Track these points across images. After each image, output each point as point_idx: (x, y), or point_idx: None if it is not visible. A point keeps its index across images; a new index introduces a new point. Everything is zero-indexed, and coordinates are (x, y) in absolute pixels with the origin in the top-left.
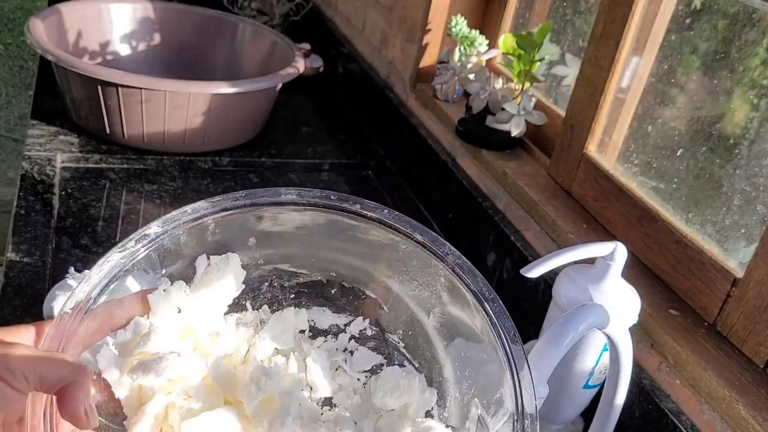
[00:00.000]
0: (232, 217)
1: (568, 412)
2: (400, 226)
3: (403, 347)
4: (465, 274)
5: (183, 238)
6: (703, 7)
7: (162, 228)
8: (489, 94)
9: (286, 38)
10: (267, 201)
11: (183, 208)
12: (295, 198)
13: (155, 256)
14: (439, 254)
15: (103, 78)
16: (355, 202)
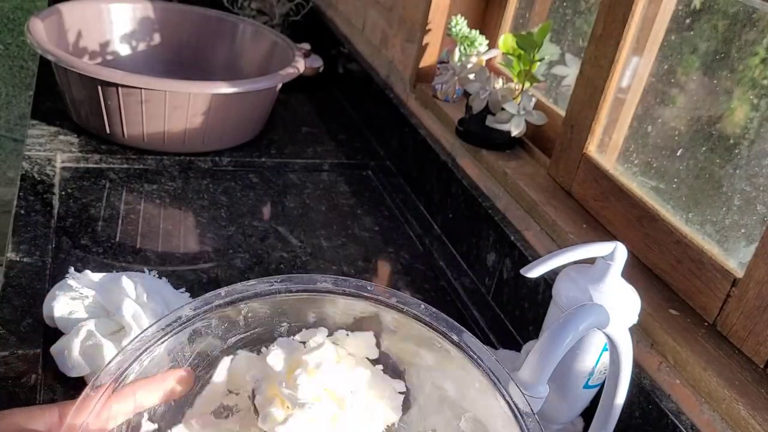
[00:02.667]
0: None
1: (568, 412)
2: (437, 324)
3: None
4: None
5: (214, 322)
6: (703, 7)
7: (194, 312)
8: (489, 94)
9: (286, 38)
10: (302, 288)
11: (217, 290)
12: (330, 287)
13: (185, 339)
14: (475, 357)
15: (103, 78)
16: (391, 296)
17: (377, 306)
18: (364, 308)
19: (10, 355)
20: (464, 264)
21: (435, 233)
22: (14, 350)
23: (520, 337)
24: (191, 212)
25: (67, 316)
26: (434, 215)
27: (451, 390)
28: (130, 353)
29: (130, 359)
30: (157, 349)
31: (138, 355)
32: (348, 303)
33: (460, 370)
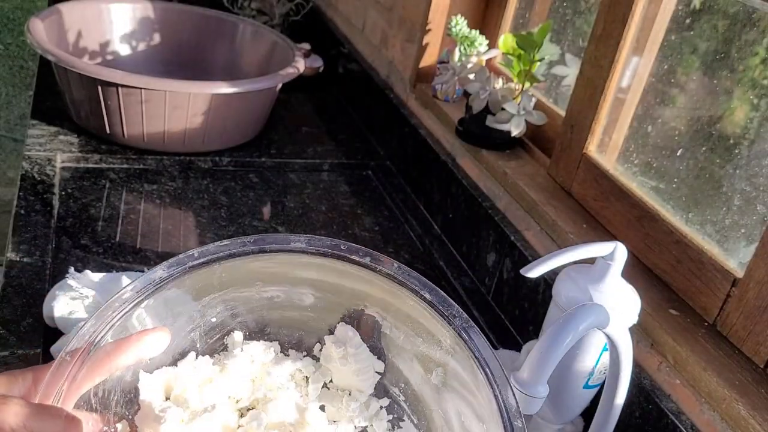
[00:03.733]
0: (238, 261)
1: (568, 412)
2: (409, 282)
3: (404, 401)
4: (470, 340)
5: (188, 281)
6: (703, 7)
7: (167, 272)
8: (489, 94)
9: (286, 38)
10: (276, 248)
11: (190, 251)
12: (303, 246)
13: (159, 298)
14: (446, 315)
15: (103, 78)
16: (365, 254)
17: (351, 266)
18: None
19: (10, 355)
20: (464, 264)
21: (435, 233)
22: (14, 350)
23: (520, 337)
24: (191, 212)
25: (67, 316)
26: (434, 215)
27: (422, 346)
28: (105, 317)
29: (105, 323)
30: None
31: (113, 319)
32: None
33: (431, 327)
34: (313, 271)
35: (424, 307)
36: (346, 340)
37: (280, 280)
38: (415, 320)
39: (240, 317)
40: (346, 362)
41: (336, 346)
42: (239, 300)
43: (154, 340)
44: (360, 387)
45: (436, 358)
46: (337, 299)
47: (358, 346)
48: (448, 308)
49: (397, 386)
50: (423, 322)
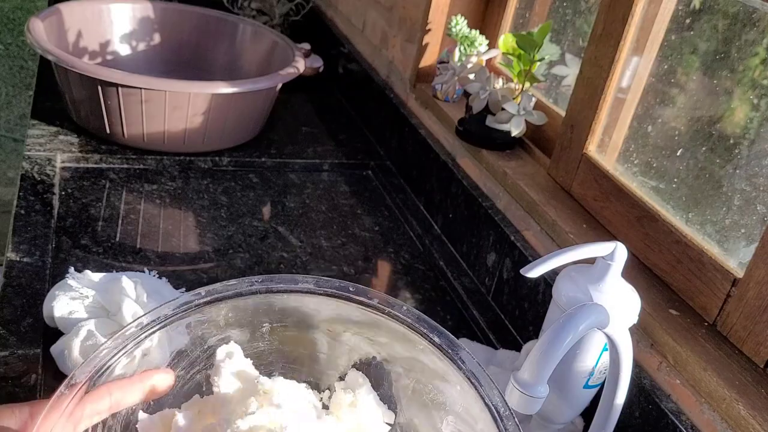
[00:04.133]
0: (246, 301)
1: (568, 412)
2: (418, 325)
3: None
4: (479, 385)
5: (194, 322)
6: (703, 7)
7: (173, 311)
8: (489, 94)
9: (286, 38)
10: (283, 288)
11: (198, 290)
12: (311, 287)
13: (164, 336)
14: (456, 360)
15: (103, 78)
16: (373, 296)
17: (359, 308)
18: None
19: (10, 355)
20: (464, 264)
21: (435, 233)
22: (14, 350)
23: (520, 337)
24: (191, 212)
25: (67, 316)
26: (434, 215)
27: (433, 391)
28: (107, 352)
29: (107, 358)
30: (136, 351)
31: (115, 354)
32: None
33: (442, 372)
34: (321, 314)
35: (433, 350)
36: (356, 387)
37: (291, 323)
38: (424, 366)
39: (248, 359)
40: (355, 410)
41: (345, 392)
42: (246, 341)
43: (158, 381)
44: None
45: (447, 406)
46: (347, 344)
47: (367, 393)
48: (457, 352)
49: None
50: (432, 367)
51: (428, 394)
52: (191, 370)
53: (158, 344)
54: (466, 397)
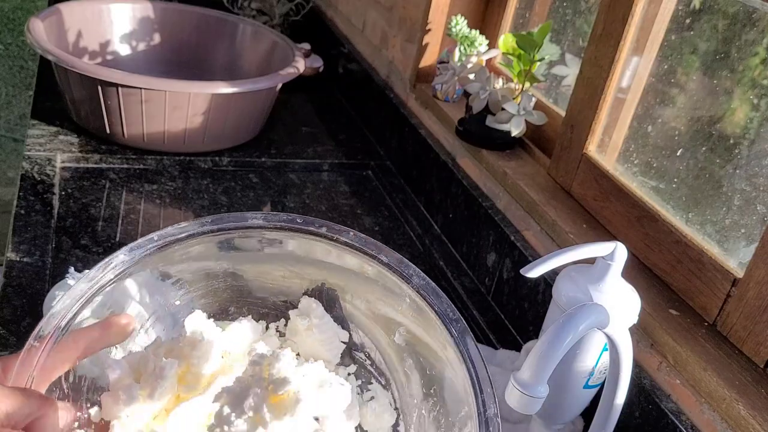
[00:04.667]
0: (199, 242)
1: (568, 412)
2: (366, 248)
3: (370, 365)
4: (429, 295)
5: (150, 264)
6: (703, 7)
7: (129, 256)
8: (489, 94)
9: (286, 38)
10: (234, 226)
11: (150, 235)
12: (261, 222)
13: (121, 284)
14: (405, 275)
15: (103, 78)
16: (321, 225)
17: (309, 238)
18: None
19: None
20: (464, 264)
21: (435, 233)
22: (14, 350)
23: (520, 337)
24: (191, 212)
25: None
26: (434, 215)
27: (383, 309)
28: (69, 304)
29: (70, 309)
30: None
31: (77, 304)
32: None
33: (392, 288)
34: (275, 248)
35: (382, 270)
36: (310, 312)
37: (242, 259)
38: (375, 285)
39: (204, 299)
40: (312, 333)
41: (301, 318)
42: (201, 281)
43: (120, 327)
44: (326, 357)
45: (398, 319)
46: (299, 274)
47: (321, 316)
48: (406, 268)
49: (362, 351)
50: (383, 286)
51: (379, 310)
52: (151, 313)
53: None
54: (416, 309)
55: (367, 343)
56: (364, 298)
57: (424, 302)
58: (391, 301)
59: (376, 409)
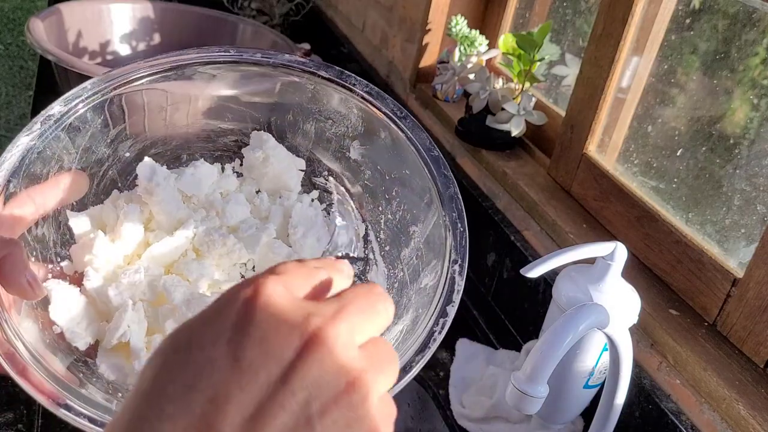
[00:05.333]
0: (137, 87)
1: (568, 412)
2: (305, 67)
3: (332, 186)
4: (375, 99)
5: (89, 115)
6: (703, 7)
7: (65, 107)
8: (489, 94)
9: (286, 38)
10: (169, 66)
11: (83, 84)
12: (195, 58)
13: (65, 136)
14: (347, 85)
15: None
16: (255, 52)
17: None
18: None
19: None
20: None
21: None
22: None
23: (520, 337)
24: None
25: None
26: None
27: (333, 127)
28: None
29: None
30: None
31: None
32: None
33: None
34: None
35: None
36: (262, 144)
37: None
38: (320, 104)
39: (153, 148)
40: (268, 165)
41: (254, 152)
42: (147, 129)
43: (73, 182)
44: (287, 186)
45: (350, 134)
46: (243, 110)
47: (274, 147)
48: (348, 78)
49: (321, 176)
50: (328, 104)
51: (330, 129)
52: (102, 167)
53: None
54: (365, 116)
55: (324, 165)
56: (312, 121)
57: (372, 107)
58: (339, 117)
59: (345, 226)
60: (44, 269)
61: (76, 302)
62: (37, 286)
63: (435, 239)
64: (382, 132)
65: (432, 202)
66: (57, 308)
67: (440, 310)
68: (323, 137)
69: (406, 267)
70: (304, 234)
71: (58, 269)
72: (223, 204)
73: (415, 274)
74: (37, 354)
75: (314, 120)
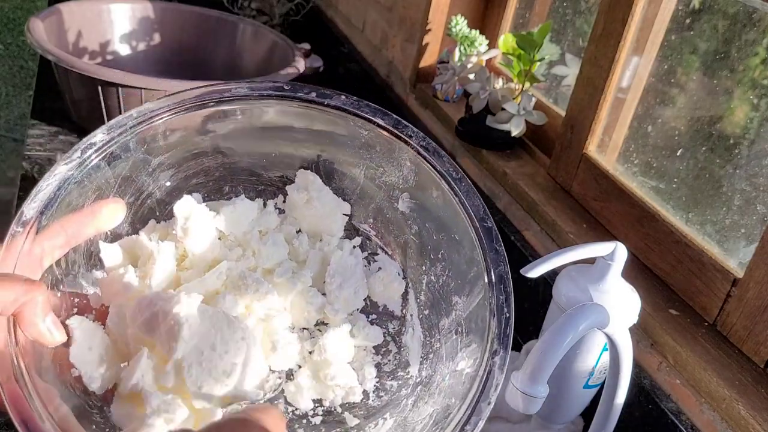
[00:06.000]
0: (183, 117)
1: (568, 412)
2: (360, 111)
3: (375, 235)
4: (431, 155)
5: (132, 144)
6: (703, 7)
7: (108, 135)
8: (489, 94)
9: (286, 38)
10: (217, 98)
11: (128, 112)
12: (246, 92)
13: (105, 165)
14: (403, 137)
15: (103, 78)
16: (310, 91)
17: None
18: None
19: None
20: None
21: None
22: None
23: (520, 337)
24: None
25: None
26: None
27: (384, 176)
28: (52, 187)
29: (53, 192)
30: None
31: (60, 188)
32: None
33: (391, 151)
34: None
35: (378, 133)
36: (308, 185)
37: (230, 133)
38: (373, 151)
39: (196, 178)
40: (311, 206)
41: (298, 192)
42: (189, 160)
43: (110, 212)
44: (329, 230)
45: (400, 185)
46: (293, 146)
47: (320, 189)
48: (404, 129)
49: (366, 223)
50: (381, 151)
51: (380, 177)
52: (141, 196)
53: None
54: (419, 170)
55: (371, 213)
56: (363, 166)
57: (426, 163)
58: (391, 167)
59: (384, 279)
60: (69, 300)
61: (99, 343)
62: (57, 332)
63: (477, 319)
64: (434, 190)
65: (479, 277)
66: (78, 350)
67: (474, 407)
68: (372, 184)
69: (443, 339)
70: (340, 285)
71: (84, 302)
72: (261, 244)
73: (452, 351)
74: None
75: (365, 165)
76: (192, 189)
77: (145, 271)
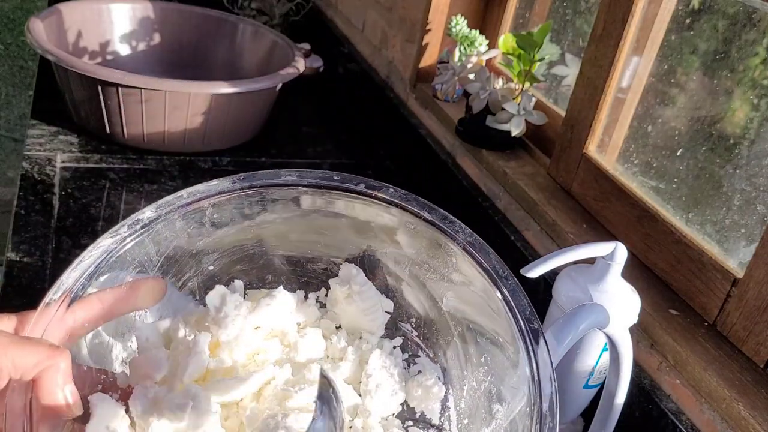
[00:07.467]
0: (230, 202)
1: (568, 412)
2: (408, 204)
3: (416, 336)
4: (477, 252)
5: (179, 224)
6: (703, 7)
7: (156, 213)
8: (489, 94)
9: (286, 38)
10: (266, 183)
11: (178, 192)
12: (295, 179)
13: (149, 242)
14: (450, 233)
15: (103, 78)
16: (359, 182)
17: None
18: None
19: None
20: None
21: None
22: None
23: None
24: None
25: None
26: None
27: (429, 273)
28: (93, 258)
29: (94, 264)
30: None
31: (101, 260)
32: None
33: (437, 247)
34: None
35: (426, 228)
36: (350, 279)
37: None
38: (419, 246)
39: (239, 265)
40: (352, 302)
41: (340, 286)
42: (235, 245)
43: (149, 290)
44: (370, 328)
45: (445, 283)
46: (339, 238)
47: (363, 284)
48: (451, 225)
49: (408, 322)
50: (427, 247)
51: (425, 274)
52: (182, 277)
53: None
54: (464, 267)
55: (414, 312)
56: (409, 261)
57: (472, 260)
58: (437, 263)
59: (423, 383)
60: (95, 376)
61: (118, 424)
62: (74, 404)
63: (519, 428)
64: (479, 289)
65: (523, 383)
66: (95, 428)
67: None
68: (417, 281)
69: None
70: (377, 387)
71: (111, 380)
72: (298, 337)
73: None
74: None
75: (409, 261)
76: (235, 275)
77: (176, 362)
